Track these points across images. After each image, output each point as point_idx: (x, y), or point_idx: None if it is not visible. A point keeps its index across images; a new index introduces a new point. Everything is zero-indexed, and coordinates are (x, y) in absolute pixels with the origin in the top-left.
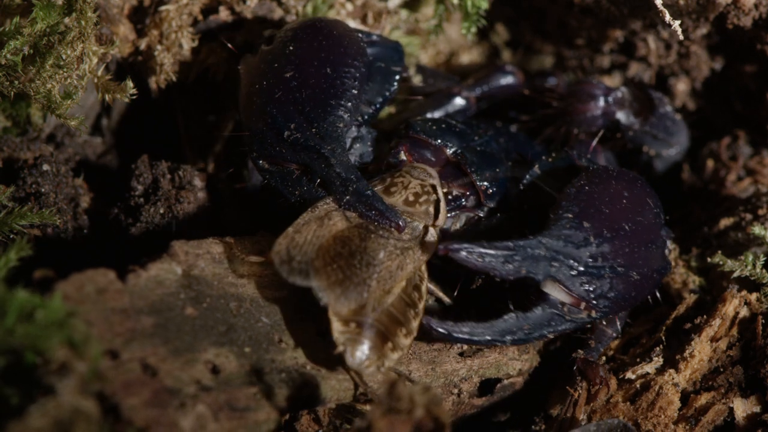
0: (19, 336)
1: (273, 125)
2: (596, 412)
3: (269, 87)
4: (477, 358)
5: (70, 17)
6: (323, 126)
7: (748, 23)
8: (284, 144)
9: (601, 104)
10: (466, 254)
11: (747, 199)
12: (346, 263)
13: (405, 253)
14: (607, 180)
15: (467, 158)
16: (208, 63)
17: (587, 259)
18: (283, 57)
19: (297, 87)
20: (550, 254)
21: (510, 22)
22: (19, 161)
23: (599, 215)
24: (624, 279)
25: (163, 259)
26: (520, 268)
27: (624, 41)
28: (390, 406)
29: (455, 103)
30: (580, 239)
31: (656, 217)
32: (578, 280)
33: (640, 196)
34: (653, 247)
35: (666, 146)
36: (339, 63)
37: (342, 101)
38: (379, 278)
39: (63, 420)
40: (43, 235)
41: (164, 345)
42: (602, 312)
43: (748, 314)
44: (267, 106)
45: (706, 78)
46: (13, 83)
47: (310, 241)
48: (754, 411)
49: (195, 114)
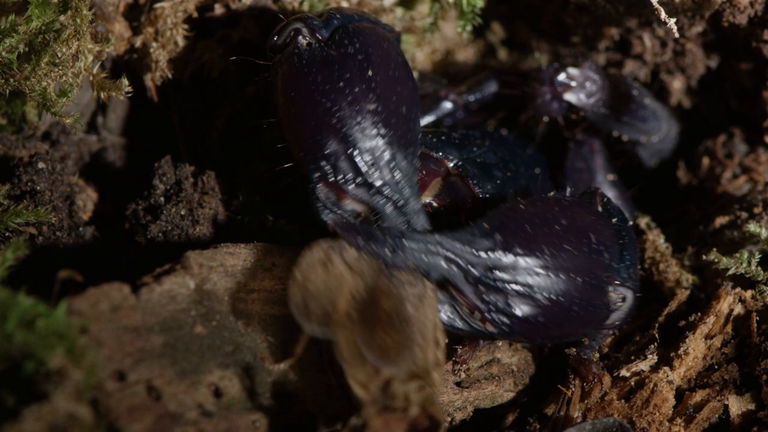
0: (18, 343)
1: (353, 158)
2: (591, 410)
3: (350, 113)
4: (474, 390)
5: (65, 15)
6: (405, 175)
7: (744, 21)
8: (360, 182)
9: (547, 88)
10: (352, 234)
11: (742, 197)
12: (387, 326)
13: (423, 302)
14: (552, 205)
15: (468, 171)
16: (203, 60)
17: (484, 268)
18: (362, 80)
19: (381, 123)
20: (445, 254)
21: (506, 20)
22: (14, 159)
23: (518, 232)
24: (530, 301)
25: (177, 272)
26: (407, 260)
27: (619, 39)
28: (385, 404)
29: (444, 107)
30: (483, 246)
31: (596, 254)
32: (473, 288)
33: (582, 229)
34: (584, 282)
35: (640, 132)
36: (411, 102)
37: (414, 147)
38: (421, 331)
39: (57, 425)
40: (38, 232)
41: (171, 366)
42: (501, 329)
43: (743, 311)
44: (348, 134)
45: (701, 76)
46: (9, 81)
47: (323, 292)
48: (749, 408)
49: (190, 111)
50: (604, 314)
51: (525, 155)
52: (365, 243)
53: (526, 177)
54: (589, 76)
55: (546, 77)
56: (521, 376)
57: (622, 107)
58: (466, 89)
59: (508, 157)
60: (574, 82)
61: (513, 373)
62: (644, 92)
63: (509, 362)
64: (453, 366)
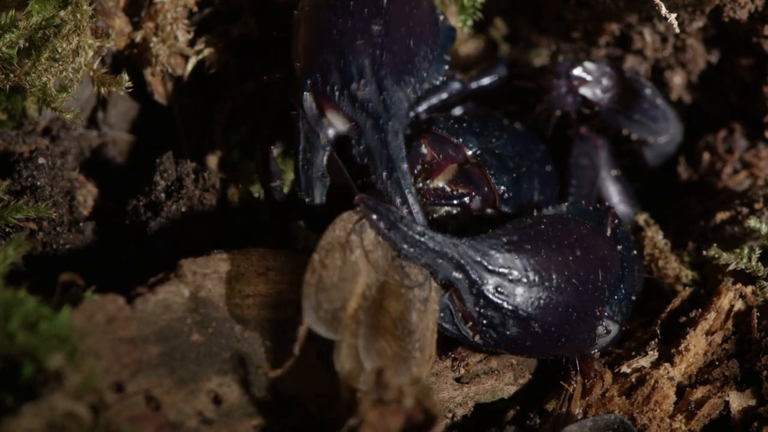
0: (20, 343)
1: (344, 69)
2: (592, 407)
3: (352, 29)
4: (474, 385)
5: (65, 10)
6: (392, 97)
7: (744, 16)
8: (346, 93)
9: (563, 81)
10: (376, 218)
11: (743, 192)
12: (390, 336)
13: (427, 307)
14: (572, 231)
15: (487, 160)
16: (203, 55)
17: (492, 285)
18: (375, 6)
19: (380, 45)
20: (458, 260)
21: (506, 15)
22: (14, 154)
23: (533, 255)
24: (523, 326)
25: (171, 281)
26: (421, 257)
27: (620, 34)
28: (379, 397)
29: (452, 87)
30: (496, 263)
31: (598, 291)
32: (474, 300)
33: (593, 264)
34: (578, 317)
35: (649, 132)
36: (422, 41)
37: (414, 80)
38: (421, 347)
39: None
40: (39, 228)
41: (169, 375)
42: (487, 342)
43: (744, 307)
44: (345, 47)
45: (702, 71)
46: (9, 76)
47: (336, 285)
48: (749, 404)
49: (191, 106)
50: (588, 346)
51: (538, 151)
52: (386, 230)
53: (538, 174)
54: (605, 71)
55: (562, 71)
56: (521, 369)
57: (635, 105)
58: (476, 74)
59: (523, 152)
60: (590, 76)
61: (512, 366)
62: (656, 92)
63: (508, 355)
64: (452, 363)
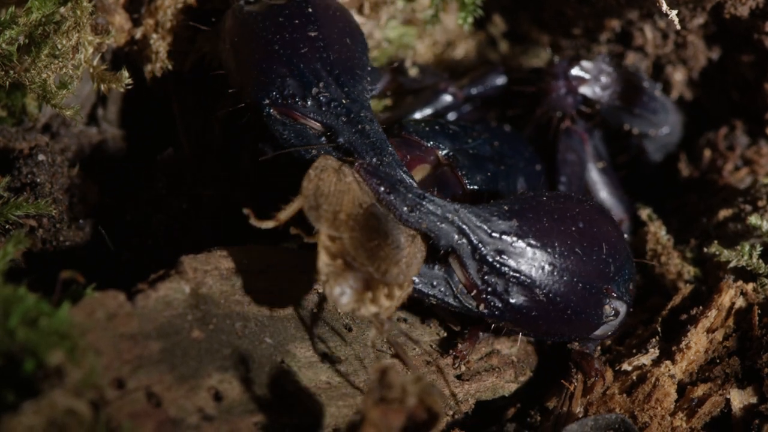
0: (20, 339)
1: (300, 78)
2: (593, 405)
3: (292, 39)
4: (474, 382)
5: (65, 7)
6: (353, 91)
7: (745, 13)
8: (309, 99)
9: (562, 82)
10: (376, 182)
11: (746, 190)
12: (379, 242)
13: (414, 241)
14: (574, 204)
15: (458, 161)
16: (203, 51)
17: (494, 250)
18: (303, 15)
19: (323, 48)
20: (460, 225)
21: (507, 12)
22: (14, 151)
23: (536, 222)
24: (528, 293)
25: (172, 278)
26: (422, 222)
27: (621, 31)
28: (382, 395)
29: (443, 100)
30: (498, 228)
31: (603, 264)
32: (477, 265)
33: (597, 236)
34: (584, 288)
35: (650, 125)
36: (355, 38)
37: (365, 73)
38: (407, 263)
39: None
40: (39, 225)
41: (170, 372)
42: (493, 312)
43: (744, 305)
44: (292, 57)
45: (703, 68)
46: (9, 73)
47: (333, 193)
48: (751, 402)
49: (191, 102)
50: (595, 324)
51: (526, 151)
52: (385, 193)
53: (525, 172)
54: (602, 68)
55: (560, 71)
56: (522, 367)
57: (634, 99)
58: (468, 82)
59: (508, 152)
60: (589, 75)
61: (513, 363)
62: (653, 84)
63: (509, 353)
64: (453, 360)
